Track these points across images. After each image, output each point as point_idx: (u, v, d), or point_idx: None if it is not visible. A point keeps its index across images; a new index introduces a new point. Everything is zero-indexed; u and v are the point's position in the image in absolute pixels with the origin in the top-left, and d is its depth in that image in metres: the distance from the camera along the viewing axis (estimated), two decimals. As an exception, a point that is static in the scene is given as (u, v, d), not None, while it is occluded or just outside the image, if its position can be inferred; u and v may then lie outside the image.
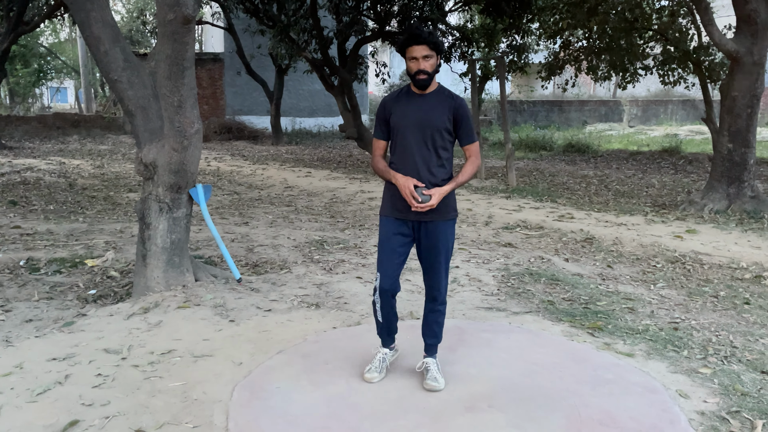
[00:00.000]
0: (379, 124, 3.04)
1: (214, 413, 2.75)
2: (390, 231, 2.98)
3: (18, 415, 2.71)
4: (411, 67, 2.86)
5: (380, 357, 3.13)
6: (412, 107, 2.93)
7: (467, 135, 2.97)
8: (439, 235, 2.96)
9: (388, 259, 2.97)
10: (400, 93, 3.02)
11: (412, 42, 2.83)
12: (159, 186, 4.39)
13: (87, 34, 4.20)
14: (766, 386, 3.08)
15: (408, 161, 2.92)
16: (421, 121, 2.89)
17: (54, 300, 4.62)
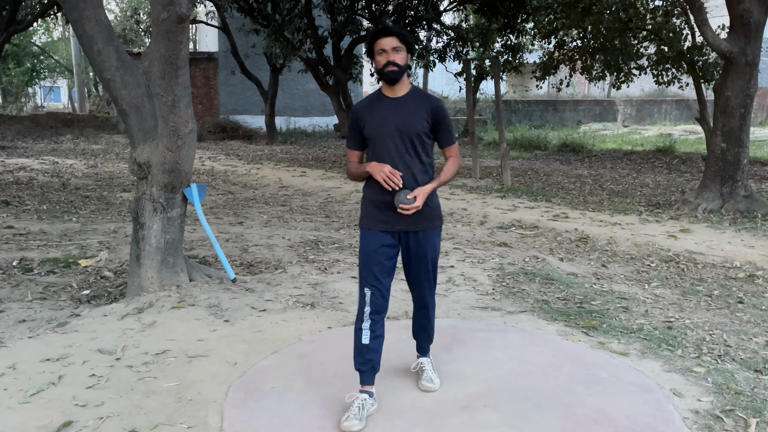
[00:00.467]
0: (353, 134, 2.84)
1: (209, 414, 2.74)
2: (375, 244, 2.75)
3: (11, 416, 2.70)
4: (379, 61, 2.67)
5: (359, 404, 2.70)
6: (389, 113, 2.73)
7: (447, 136, 2.84)
8: (427, 244, 2.80)
9: (375, 274, 2.73)
10: (372, 99, 2.81)
11: (380, 35, 2.66)
12: (153, 186, 4.37)
13: (80, 33, 4.18)
14: (759, 385, 3.09)
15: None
16: (400, 127, 2.70)
17: (47, 300, 4.59)
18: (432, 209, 2.80)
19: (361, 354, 2.76)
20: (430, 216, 2.79)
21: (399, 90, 2.75)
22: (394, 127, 2.70)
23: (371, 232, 2.77)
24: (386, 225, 2.74)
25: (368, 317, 2.73)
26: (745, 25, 7.83)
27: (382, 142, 2.72)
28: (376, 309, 2.73)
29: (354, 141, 2.86)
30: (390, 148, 2.71)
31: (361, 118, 2.78)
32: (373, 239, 2.76)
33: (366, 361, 2.76)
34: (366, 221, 2.81)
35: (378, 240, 2.75)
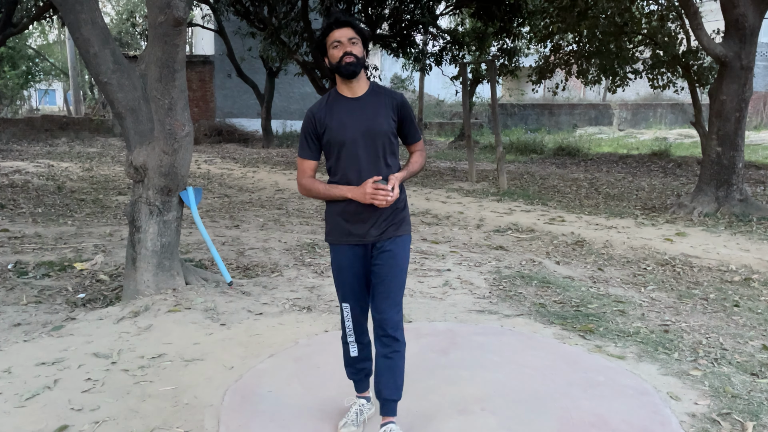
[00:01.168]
0: (308, 142, 2.52)
1: (206, 417, 2.73)
2: (347, 260, 2.55)
3: (6, 419, 2.68)
4: (334, 54, 2.39)
5: (356, 409, 2.67)
6: (351, 115, 2.45)
7: (413, 133, 2.59)
8: (399, 252, 2.53)
9: (352, 287, 2.57)
10: (328, 101, 2.51)
11: (333, 27, 2.41)
12: (149, 189, 4.36)
13: (76, 36, 4.17)
14: (756, 388, 3.10)
15: (358, 180, 2.45)
16: (365, 130, 2.43)
17: (42, 304, 4.57)
18: (402, 214, 2.58)
19: (351, 365, 2.71)
20: (400, 221, 2.56)
21: (358, 88, 2.48)
22: (359, 131, 2.43)
23: (341, 248, 2.55)
24: (357, 238, 2.51)
25: (352, 331, 2.64)
26: (740, 30, 7.87)
27: (347, 148, 2.44)
28: (357, 321, 2.63)
29: (309, 150, 2.52)
30: (357, 155, 2.44)
31: (320, 123, 2.48)
32: (344, 255, 2.55)
33: (358, 371, 2.71)
34: (335, 236, 2.57)
35: (349, 255, 2.54)
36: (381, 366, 2.52)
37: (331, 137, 2.46)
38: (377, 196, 2.39)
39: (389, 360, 2.51)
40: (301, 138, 2.54)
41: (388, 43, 15.31)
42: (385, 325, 2.50)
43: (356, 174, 2.45)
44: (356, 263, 2.56)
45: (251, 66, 20.35)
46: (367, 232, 2.50)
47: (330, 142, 2.47)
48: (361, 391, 2.75)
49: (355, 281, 2.58)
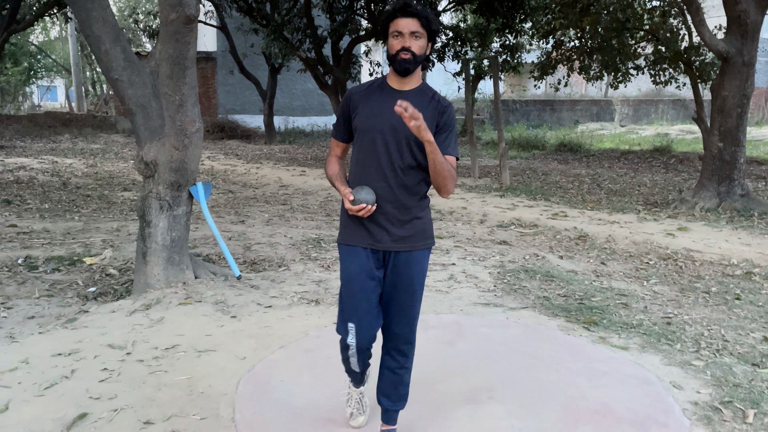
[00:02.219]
0: (340, 122, 2.38)
1: (220, 406, 2.80)
2: (357, 269, 2.30)
3: (27, 408, 2.76)
4: (393, 45, 2.20)
5: (357, 398, 2.62)
6: (386, 106, 2.24)
7: (447, 145, 2.28)
8: (414, 266, 2.32)
9: (361, 303, 2.30)
10: (372, 86, 2.34)
11: (399, 14, 2.19)
12: (159, 184, 4.43)
13: (88, 33, 4.23)
14: (757, 378, 3.17)
15: (378, 177, 2.27)
16: (396, 126, 2.22)
17: (54, 297, 4.64)
18: (424, 225, 2.36)
19: (352, 374, 2.56)
20: (421, 234, 2.34)
21: (407, 83, 2.29)
22: (389, 124, 2.24)
23: (353, 250, 2.32)
24: (370, 241, 2.30)
25: (355, 352, 2.37)
26: (742, 26, 7.91)
27: (372, 138, 2.26)
28: (364, 344, 2.36)
29: (340, 130, 2.40)
30: (381, 149, 2.25)
31: (354, 105, 2.32)
32: (354, 261, 2.32)
33: (360, 380, 2.59)
34: (346, 235, 2.36)
35: (360, 262, 2.31)
36: (387, 378, 2.45)
37: (360, 122, 2.30)
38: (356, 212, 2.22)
39: (396, 375, 2.43)
40: (336, 117, 2.43)
41: (390, 40, 15.34)
42: (397, 340, 2.40)
43: (376, 170, 2.27)
44: (367, 277, 2.30)
45: (253, 62, 20.39)
46: (381, 237, 2.30)
47: (358, 127, 2.31)
48: (358, 386, 2.63)
49: (363, 299, 2.30)
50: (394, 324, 2.38)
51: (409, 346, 2.41)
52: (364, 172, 2.30)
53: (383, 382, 2.47)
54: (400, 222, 2.30)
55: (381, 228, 2.29)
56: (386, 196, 2.26)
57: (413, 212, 2.32)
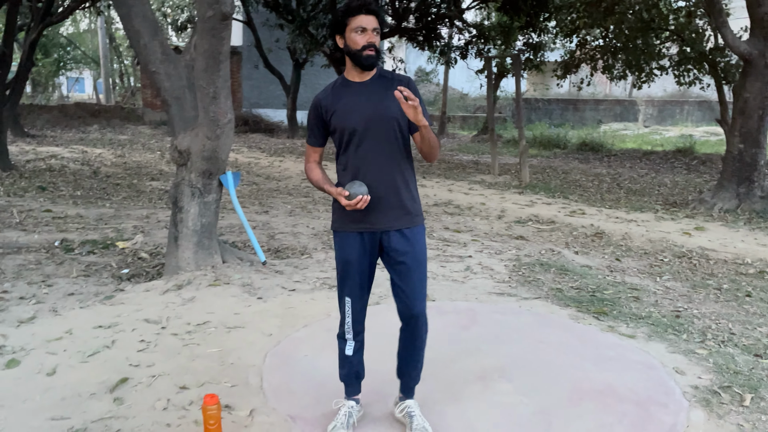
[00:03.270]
0: (313, 128, 2.50)
1: (249, 375, 3.03)
2: (352, 251, 2.44)
3: (73, 373, 3.01)
4: (356, 40, 2.30)
5: (345, 412, 2.60)
6: (359, 99, 2.36)
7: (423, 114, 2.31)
8: (416, 242, 2.46)
9: (355, 282, 2.48)
10: (335, 87, 2.45)
11: (362, 11, 2.30)
12: (192, 172, 4.67)
13: (128, 28, 4.48)
14: (758, 366, 3.30)
15: (373, 166, 2.39)
16: (374, 113, 2.35)
17: (90, 277, 4.92)
18: (416, 203, 2.49)
19: (345, 366, 2.64)
20: (412, 210, 2.47)
21: (367, 74, 2.41)
22: (366, 115, 2.36)
23: (347, 236, 2.45)
24: (364, 225, 2.42)
25: (351, 328, 2.57)
26: (765, 28, 7.94)
27: (358, 133, 2.37)
28: (356, 319, 2.55)
29: (316, 136, 2.52)
30: (367, 139, 2.37)
31: (326, 109, 2.42)
32: (349, 245, 2.45)
33: (351, 373, 2.65)
34: (340, 222, 2.48)
35: (357, 246, 2.45)
36: (404, 354, 2.61)
37: (338, 123, 2.40)
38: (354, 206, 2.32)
39: (414, 353, 2.58)
40: (308, 124, 2.53)
41: (414, 36, 15.51)
42: (411, 329, 2.54)
43: (361, 160, 2.39)
44: (363, 255, 2.45)
45: (278, 57, 20.68)
46: (377, 219, 2.41)
47: (336, 129, 2.41)
48: (352, 395, 2.68)
49: (360, 275, 2.48)
50: (404, 301, 2.49)
51: (422, 320, 2.52)
52: (352, 164, 2.40)
53: (401, 359, 2.63)
54: (391, 203, 2.42)
55: (373, 211, 2.40)
56: (377, 182, 2.38)
57: (402, 192, 2.43)
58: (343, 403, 2.66)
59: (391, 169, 2.40)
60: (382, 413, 2.74)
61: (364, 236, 2.45)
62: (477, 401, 2.83)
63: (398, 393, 2.70)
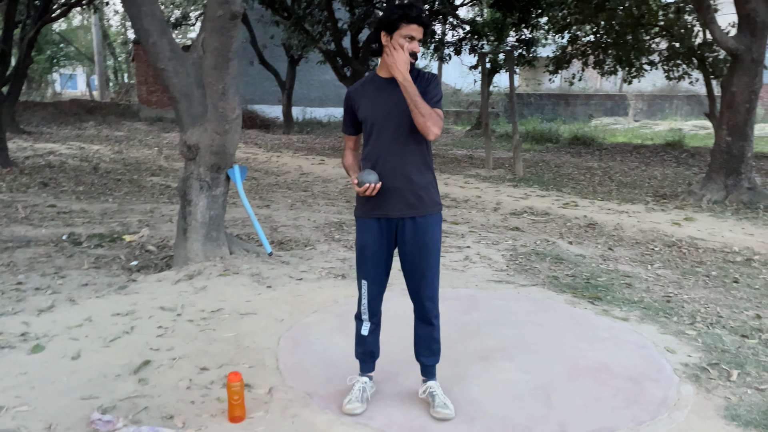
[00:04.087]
0: (346, 118, 2.72)
1: (265, 357, 3.20)
2: (371, 234, 2.64)
3: (96, 356, 3.17)
4: (402, 45, 2.48)
5: (360, 387, 2.78)
6: (384, 94, 2.57)
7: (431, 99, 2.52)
8: (426, 231, 2.62)
9: (372, 265, 2.67)
10: (365, 82, 2.67)
11: (417, 21, 2.49)
12: (200, 166, 4.82)
13: (137, 27, 4.62)
14: (744, 346, 3.51)
15: (388, 156, 2.58)
16: (393, 110, 2.53)
17: (101, 269, 5.06)
18: (431, 193, 2.65)
19: (360, 344, 2.81)
20: (429, 200, 2.64)
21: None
22: (387, 109, 2.55)
23: (367, 222, 2.65)
24: (382, 211, 2.61)
25: (366, 309, 2.72)
26: (752, 24, 8.15)
27: (378, 124, 2.58)
28: (373, 299, 2.71)
29: (347, 125, 2.75)
30: (386, 131, 2.57)
31: (355, 101, 2.64)
32: (368, 231, 2.66)
33: (366, 352, 2.81)
34: (361, 210, 2.68)
35: (373, 231, 2.64)
36: (419, 338, 2.78)
37: (362, 115, 2.62)
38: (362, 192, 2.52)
39: (426, 333, 2.75)
40: (343, 115, 2.74)
41: (407, 33, 15.64)
42: (425, 314, 2.71)
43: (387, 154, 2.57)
44: (381, 240, 2.64)
45: (273, 53, 20.77)
46: (391, 206, 2.59)
47: (362, 118, 2.63)
48: (366, 371, 2.85)
49: (376, 259, 2.66)
50: (415, 286, 2.68)
51: (432, 304, 2.70)
52: (377, 154, 2.60)
53: (417, 342, 2.79)
54: (410, 192, 2.59)
55: (391, 199, 2.59)
56: (396, 172, 2.56)
57: (420, 183, 2.61)
58: (357, 379, 2.83)
59: (405, 160, 2.57)
60: (393, 391, 2.91)
61: (381, 222, 2.64)
62: (481, 379, 3.01)
63: (421, 376, 2.85)
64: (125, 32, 34.68)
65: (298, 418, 2.66)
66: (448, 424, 2.63)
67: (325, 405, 2.75)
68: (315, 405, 2.75)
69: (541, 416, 2.68)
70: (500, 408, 2.75)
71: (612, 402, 2.82)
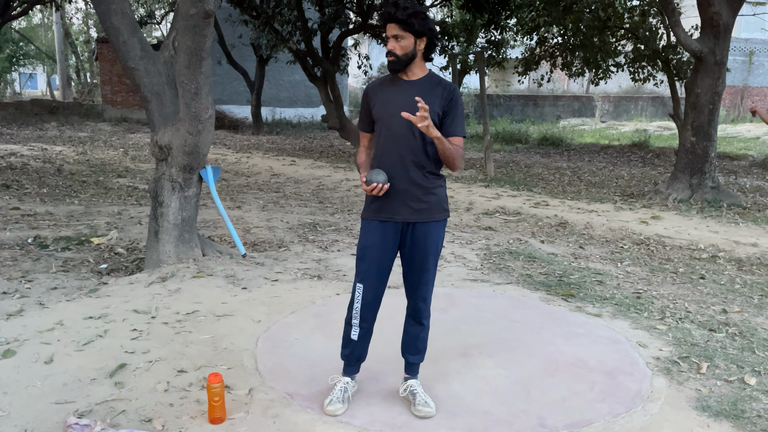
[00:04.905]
0: (362, 116, 2.71)
1: (244, 358, 3.17)
2: (374, 236, 2.61)
3: (70, 360, 3.09)
4: (387, 46, 2.53)
5: (341, 387, 2.75)
6: (398, 95, 2.54)
7: (454, 125, 2.55)
8: (429, 237, 2.61)
9: (372, 269, 2.63)
10: (384, 80, 2.65)
11: (385, 20, 2.49)
12: (172, 167, 4.75)
13: (107, 25, 4.53)
14: (712, 339, 3.61)
15: (394, 158, 2.55)
16: (407, 111, 2.45)
17: (70, 272, 4.95)
18: (438, 199, 2.63)
19: (347, 347, 2.75)
20: (436, 206, 2.62)
21: (412, 73, 2.57)
22: (397, 111, 2.49)
23: (371, 224, 2.63)
24: (388, 215, 2.59)
25: (358, 314, 2.67)
26: (715, 27, 8.40)
27: (389, 126, 2.55)
28: (366, 305, 2.66)
29: (363, 123, 2.73)
30: (396, 133, 2.53)
31: (371, 99, 2.64)
32: (372, 232, 2.62)
33: (352, 355, 2.76)
34: (367, 211, 2.66)
35: (377, 234, 2.61)
36: (408, 335, 2.79)
37: (377, 113, 2.60)
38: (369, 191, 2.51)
39: (415, 332, 2.77)
40: (360, 112, 2.74)
41: (378, 33, 15.67)
42: (416, 313, 2.74)
43: (395, 152, 2.55)
44: (385, 243, 2.60)
45: (241, 53, 20.57)
46: (397, 210, 2.57)
47: (376, 117, 2.62)
48: (350, 374, 2.81)
49: (377, 262, 2.61)
50: (412, 286, 2.70)
51: (425, 305, 2.72)
52: (383, 155, 2.59)
53: (405, 339, 2.81)
54: (415, 197, 2.57)
55: (398, 203, 2.57)
56: (401, 175, 2.55)
57: (427, 188, 2.59)
58: (339, 378, 2.81)
59: (410, 165, 2.55)
60: (375, 389, 2.92)
61: (387, 226, 2.61)
62: (461, 375, 3.04)
63: (403, 373, 2.86)
64: (88, 30, 33.95)
65: (280, 418, 2.64)
66: (430, 420, 2.65)
67: (306, 405, 2.74)
68: (296, 405, 2.74)
69: (521, 411, 2.72)
70: (481, 403, 2.78)
71: (589, 395, 2.87)
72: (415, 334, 2.77)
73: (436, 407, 2.71)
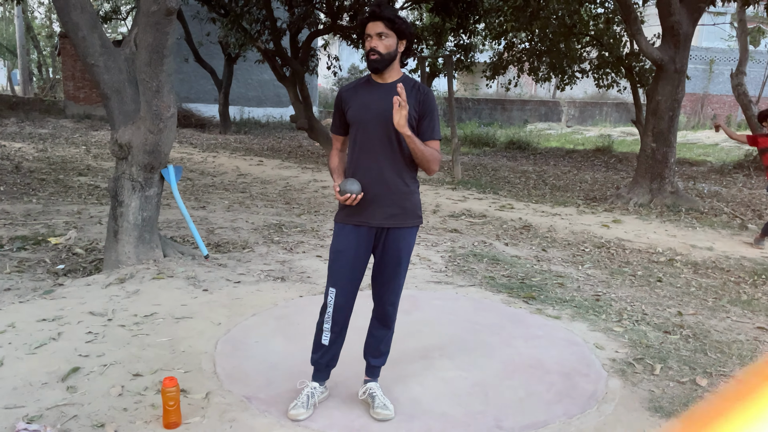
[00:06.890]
0: (335, 118, 2.67)
1: (202, 361, 3.12)
2: (348, 240, 2.59)
3: (21, 364, 3.01)
4: (366, 45, 2.50)
5: (307, 393, 2.71)
6: (373, 98, 2.53)
7: (430, 129, 2.54)
8: (401, 242, 2.61)
9: (344, 272, 2.59)
10: (358, 83, 2.63)
11: (367, 19, 2.50)
12: (133, 166, 4.66)
13: (66, 21, 4.42)
14: (666, 341, 3.70)
15: (370, 162, 2.54)
16: (384, 114, 2.47)
17: (25, 273, 4.81)
18: (412, 205, 2.62)
19: (318, 352, 2.72)
20: (411, 212, 2.61)
21: (388, 76, 2.56)
22: (377, 113, 2.50)
23: (345, 228, 2.60)
24: (362, 219, 2.56)
25: (330, 318, 2.64)
26: (675, 36, 8.61)
27: (364, 129, 2.54)
28: (339, 309, 2.63)
29: (336, 126, 2.69)
30: (372, 137, 2.52)
31: (345, 102, 2.60)
32: (346, 237, 2.59)
33: (322, 361, 2.73)
34: (341, 215, 2.63)
35: (351, 238, 2.58)
36: (372, 337, 2.78)
37: (352, 116, 2.58)
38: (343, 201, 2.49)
39: (380, 335, 2.77)
40: (333, 114, 2.69)
41: (348, 34, 15.65)
42: (384, 317, 2.73)
43: (370, 156, 2.53)
44: (358, 247, 2.58)
45: (209, 51, 20.31)
46: (373, 215, 2.55)
47: (351, 120, 2.59)
48: (319, 380, 2.77)
49: (350, 267, 2.59)
50: (381, 291, 2.70)
51: (393, 309, 2.73)
52: (359, 158, 2.57)
53: (369, 342, 2.80)
54: (390, 201, 2.56)
55: (372, 207, 2.56)
56: (376, 179, 2.53)
57: (403, 193, 2.58)
58: (307, 384, 2.76)
59: (387, 169, 2.54)
60: (333, 393, 2.90)
61: (361, 230, 2.59)
62: (421, 377, 3.05)
63: (364, 376, 2.86)
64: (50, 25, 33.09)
65: (237, 422, 2.61)
66: (389, 423, 2.65)
67: (264, 408, 2.71)
68: (254, 408, 2.71)
69: (478, 412, 2.74)
70: (439, 405, 2.79)
71: (545, 396, 2.91)
72: (380, 338, 2.77)
73: (394, 410, 2.72)
